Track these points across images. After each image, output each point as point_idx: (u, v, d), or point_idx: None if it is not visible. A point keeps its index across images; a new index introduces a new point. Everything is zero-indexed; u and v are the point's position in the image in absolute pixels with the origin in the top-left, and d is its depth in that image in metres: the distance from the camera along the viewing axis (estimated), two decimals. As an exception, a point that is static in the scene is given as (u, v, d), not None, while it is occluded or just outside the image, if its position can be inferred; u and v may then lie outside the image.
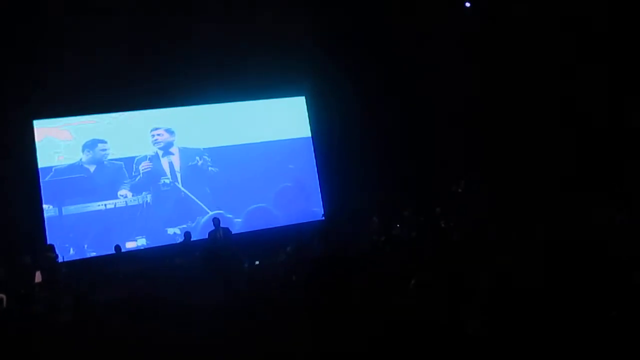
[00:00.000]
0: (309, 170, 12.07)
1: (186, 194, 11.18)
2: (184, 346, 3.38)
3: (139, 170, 11.02)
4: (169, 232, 10.85)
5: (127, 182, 10.88)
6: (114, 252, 9.78)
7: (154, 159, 11.16)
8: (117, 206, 10.73)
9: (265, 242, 10.12)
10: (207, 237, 8.99)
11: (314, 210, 11.71)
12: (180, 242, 9.90)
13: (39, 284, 8.16)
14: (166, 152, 11.28)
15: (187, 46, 10.61)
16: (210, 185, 11.38)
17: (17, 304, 6.67)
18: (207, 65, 10.80)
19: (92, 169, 10.78)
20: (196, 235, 10.09)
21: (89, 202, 10.55)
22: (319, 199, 12.00)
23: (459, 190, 10.46)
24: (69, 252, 10.01)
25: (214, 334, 3.49)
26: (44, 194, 10.29)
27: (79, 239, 10.38)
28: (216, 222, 8.92)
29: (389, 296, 3.45)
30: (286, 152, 11.89)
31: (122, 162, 10.93)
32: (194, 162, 11.39)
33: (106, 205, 10.67)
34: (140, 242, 10.69)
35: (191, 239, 9.60)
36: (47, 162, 10.47)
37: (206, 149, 11.47)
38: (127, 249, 10.26)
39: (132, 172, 10.95)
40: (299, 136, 12.14)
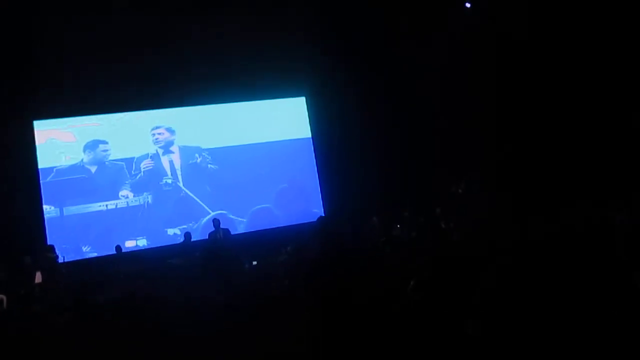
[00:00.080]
0: (309, 170, 12.08)
1: (187, 193, 11.18)
2: (184, 346, 3.38)
3: (140, 168, 11.03)
4: (169, 233, 10.86)
5: (128, 182, 10.90)
6: (115, 252, 9.80)
7: (155, 158, 11.18)
8: (118, 207, 10.75)
9: (265, 243, 10.12)
10: (207, 237, 9.02)
11: (314, 211, 11.71)
12: (180, 243, 9.92)
13: (39, 284, 8.16)
14: (166, 150, 11.30)
15: (187, 46, 10.62)
16: (210, 183, 11.39)
17: (18, 304, 6.69)
18: (207, 65, 10.80)
19: (93, 169, 10.80)
20: (197, 235, 10.10)
21: (90, 203, 10.57)
22: (319, 200, 12.01)
23: (459, 191, 10.46)
24: (69, 253, 10.02)
25: (214, 333, 3.49)
26: (45, 195, 10.31)
27: (80, 240, 10.39)
28: (216, 223, 8.95)
29: (389, 296, 3.45)
30: (286, 152, 11.90)
31: (124, 163, 10.95)
32: (194, 160, 11.40)
33: (107, 205, 10.68)
34: (140, 242, 10.70)
35: (191, 240, 9.62)
36: (49, 163, 10.48)
37: (206, 149, 11.48)
38: (128, 250, 10.28)
39: (132, 171, 10.95)
40: (299, 137, 12.15)
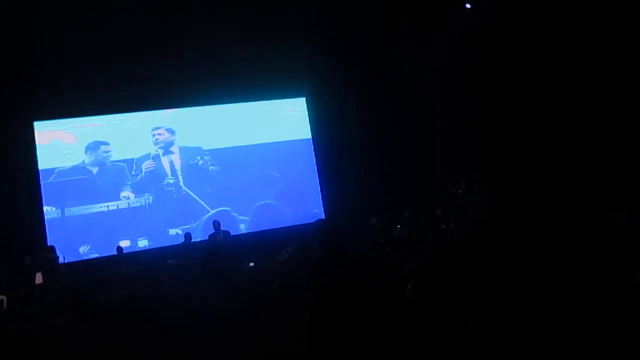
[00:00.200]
0: (309, 171, 12.07)
1: (187, 193, 11.19)
2: (184, 346, 3.38)
3: (141, 169, 11.04)
4: (170, 233, 10.86)
5: (129, 183, 10.90)
6: (116, 253, 9.81)
7: (155, 159, 11.19)
8: (119, 207, 10.75)
9: (265, 243, 10.13)
10: (207, 239, 9.02)
11: (314, 211, 11.71)
12: (180, 243, 9.92)
13: (39, 285, 8.17)
14: (167, 151, 11.30)
15: (187, 47, 10.62)
16: (211, 184, 11.39)
17: (18, 305, 6.69)
18: (207, 66, 10.80)
19: (94, 170, 10.81)
20: (198, 233, 10.11)
21: (92, 204, 10.58)
22: (319, 200, 12.01)
23: (459, 191, 10.46)
24: (71, 253, 10.02)
25: (214, 334, 3.49)
26: (47, 196, 10.32)
27: (82, 241, 10.40)
28: (216, 224, 8.95)
29: (389, 296, 3.45)
30: (286, 153, 11.90)
31: (125, 164, 10.96)
32: (195, 161, 11.40)
33: (108, 206, 10.69)
34: (141, 243, 10.70)
35: (191, 240, 9.62)
36: (50, 164, 10.49)
37: (206, 150, 11.49)
38: (129, 250, 10.28)
39: (133, 171, 10.96)
40: (299, 138, 12.15)
